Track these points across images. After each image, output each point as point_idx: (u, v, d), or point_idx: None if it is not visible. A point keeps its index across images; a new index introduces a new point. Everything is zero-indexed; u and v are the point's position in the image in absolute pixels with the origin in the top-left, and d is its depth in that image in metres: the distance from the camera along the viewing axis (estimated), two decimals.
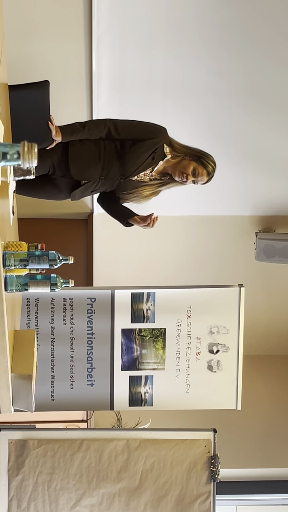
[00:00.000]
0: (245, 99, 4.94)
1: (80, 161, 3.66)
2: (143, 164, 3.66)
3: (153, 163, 3.68)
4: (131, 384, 4.28)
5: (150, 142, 3.63)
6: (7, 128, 2.87)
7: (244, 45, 4.69)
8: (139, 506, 3.95)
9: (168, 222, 5.72)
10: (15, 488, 3.90)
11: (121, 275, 5.75)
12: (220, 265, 5.86)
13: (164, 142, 3.67)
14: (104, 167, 3.66)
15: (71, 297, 4.18)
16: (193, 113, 4.97)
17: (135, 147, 3.63)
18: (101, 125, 3.63)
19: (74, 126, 3.62)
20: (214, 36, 4.64)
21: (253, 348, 5.98)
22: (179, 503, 3.98)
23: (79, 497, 3.93)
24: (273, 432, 5.97)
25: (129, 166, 3.65)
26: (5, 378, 2.45)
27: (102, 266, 5.73)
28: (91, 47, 4.65)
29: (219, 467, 4.00)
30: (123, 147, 3.65)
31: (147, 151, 3.64)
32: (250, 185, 5.46)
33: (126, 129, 3.64)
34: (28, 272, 2.60)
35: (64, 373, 4.20)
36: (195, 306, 4.27)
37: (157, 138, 3.65)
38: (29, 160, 1.80)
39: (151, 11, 4.54)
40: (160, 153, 3.67)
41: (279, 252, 5.61)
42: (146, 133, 3.65)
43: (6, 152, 1.80)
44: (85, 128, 3.60)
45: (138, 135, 3.64)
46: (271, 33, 4.65)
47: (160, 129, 3.70)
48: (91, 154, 3.65)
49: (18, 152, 1.80)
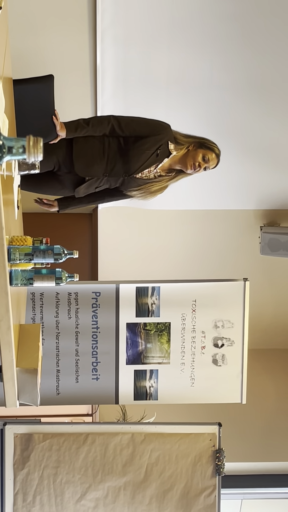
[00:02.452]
0: (248, 93, 4.93)
1: (85, 158, 3.65)
2: (147, 161, 3.65)
3: (157, 160, 3.67)
4: (136, 378, 4.29)
5: (154, 138, 3.62)
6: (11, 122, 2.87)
7: (248, 39, 4.68)
8: (144, 500, 3.97)
9: (173, 216, 5.72)
10: (21, 482, 3.91)
11: (126, 270, 5.75)
12: (225, 259, 5.86)
13: (168, 139, 3.66)
14: (108, 164, 3.66)
15: (76, 291, 4.18)
16: (197, 107, 4.96)
17: (138, 144, 3.62)
18: (105, 121, 3.62)
19: (78, 122, 3.62)
20: (218, 30, 4.63)
21: (258, 342, 5.98)
22: (184, 497, 3.99)
23: (84, 491, 3.95)
24: (278, 426, 5.98)
25: (132, 163, 3.64)
26: (11, 372, 2.46)
27: (107, 260, 5.74)
28: (95, 41, 4.64)
29: (224, 460, 4.01)
30: (127, 144, 3.64)
31: (151, 148, 3.63)
32: (255, 179, 5.45)
33: (130, 126, 3.63)
34: (33, 267, 2.60)
35: (69, 367, 4.21)
36: (200, 300, 4.27)
37: (161, 135, 3.64)
38: (34, 154, 1.80)
39: (155, 5, 4.53)
40: (165, 150, 3.66)
41: (284, 246, 5.61)
42: (150, 130, 3.64)
43: (11, 146, 1.80)
44: (89, 125, 3.60)
45: (142, 132, 3.63)
46: (274, 27, 4.63)
47: (164, 126, 3.69)
48: (95, 151, 3.64)
49: (24, 146, 1.80)
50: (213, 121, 5.04)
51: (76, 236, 5.66)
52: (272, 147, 5.26)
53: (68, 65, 4.76)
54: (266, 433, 5.91)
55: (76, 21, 4.62)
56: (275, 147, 5.25)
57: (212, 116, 5.03)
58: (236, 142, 5.16)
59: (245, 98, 4.97)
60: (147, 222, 5.75)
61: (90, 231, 5.67)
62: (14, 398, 2.57)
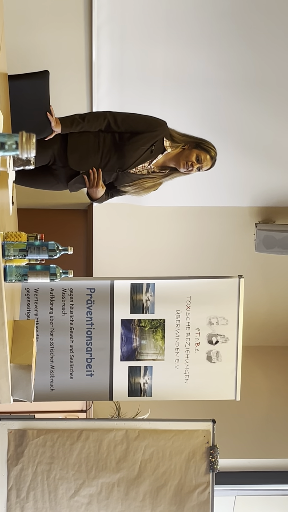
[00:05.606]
0: (244, 90, 4.93)
1: (79, 152, 3.65)
2: (142, 157, 3.65)
3: (152, 156, 3.67)
4: (131, 375, 4.29)
5: (149, 135, 3.62)
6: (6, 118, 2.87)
7: (244, 36, 4.67)
8: (138, 496, 3.97)
9: (168, 213, 5.72)
10: (14, 477, 3.91)
11: (120, 266, 5.75)
12: (219, 256, 5.86)
13: (164, 136, 3.66)
14: (103, 159, 3.66)
15: (71, 287, 4.18)
16: (193, 104, 4.96)
17: (133, 139, 3.63)
18: (101, 117, 3.63)
19: (73, 118, 3.62)
20: (214, 27, 4.63)
21: (252, 339, 5.99)
22: (178, 493, 3.99)
23: (78, 487, 3.95)
24: (272, 423, 5.99)
25: (127, 158, 3.64)
26: (5, 368, 2.46)
27: (101, 256, 5.74)
28: (91, 37, 4.64)
29: (218, 457, 4.01)
30: (122, 139, 3.65)
31: (145, 144, 3.63)
32: (250, 176, 5.46)
33: (126, 122, 3.63)
34: (27, 263, 2.60)
35: (63, 363, 4.21)
36: (194, 297, 4.27)
37: (157, 131, 3.64)
38: (27, 150, 1.80)
39: (151, 2, 4.53)
40: (160, 147, 3.66)
41: (279, 243, 5.61)
42: (145, 126, 3.64)
43: (4, 142, 1.80)
44: (85, 120, 3.60)
45: (137, 128, 3.63)
46: (271, 24, 4.63)
47: (160, 123, 3.69)
48: (90, 145, 3.64)
49: (17, 142, 1.80)
50: (208, 118, 5.04)
51: (71, 232, 5.66)
52: (268, 144, 5.26)
53: (64, 61, 4.76)
54: (260, 430, 5.92)
55: (72, 16, 4.61)
56: (270, 144, 5.26)
57: (207, 113, 5.03)
58: (231, 139, 5.16)
59: (241, 96, 4.97)
60: (142, 219, 5.74)
61: (85, 227, 5.67)
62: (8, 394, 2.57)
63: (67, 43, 4.70)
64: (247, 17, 4.60)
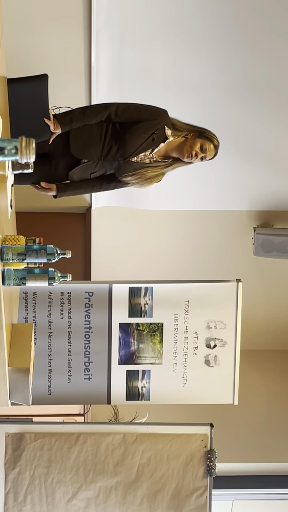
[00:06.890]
0: (243, 93, 4.94)
1: (82, 139, 3.65)
2: (143, 145, 3.64)
3: (153, 144, 3.66)
4: (128, 378, 4.29)
5: (150, 123, 3.62)
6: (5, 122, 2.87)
7: (243, 40, 4.68)
8: (135, 500, 3.97)
9: (166, 217, 5.71)
10: (12, 481, 3.90)
11: (119, 270, 5.75)
12: (218, 260, 5.86)
13: (165, 124, 3.66)
14: (104, 147, 3.65)
15: (69, 291, 4.18)
16: (192, 107, 4.96)
17: (134, 128, 3.62)
18: (102, 110, 3.62)
19: (73, 114, 3.61)
20: (213, 31, 4.64)
21: (250, 343, 5.98)
22: (176, 497, 3.99)
23: (75, 491, 3.94)
24: (270, 427, 5.98)
25: (128, 146, 3.63)
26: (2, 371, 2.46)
27: (100, 260, 5.73)
28: (90, 41, 4.64)
29: (215, 461, 4.01)
30: (123, 128, 3.65)
31: (146, 132, 3.62)
32: (248, 180, 5.46)
33: (126, 112, 3.63)
34: (26, 266, 2.60)
35: (61, 367, 4.21)
36: (192, 300, 4.27)
37: (158, 120, 3.64)
38: (27, 155, 1.80)
39: (150, 5, 4.53)
40: (161, 135, 3.66)
41: (277, 247, 5.61)
42: (146, 115, 3.64)
43: (3, 147, 1.80)
44: (85, 115, 3.60)
45: (139, 117, 3.63)
46: (270, 28, 4.64)
47: (161, 111, 3.69)
48: (92, 134, 3.64)
49: (16, 147, 1.80)
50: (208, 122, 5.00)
51: (69, 236, 5.65)
52: (267, 148, 5.26)
53: (63, 65, 4.76)
54: (258, 434, 5.92)
55: (72, 20, 4.61)
56: (269, 148, 5.26)
57: (207, 116, 5.02)
58: (230, 143, 5.16)
59: (241, 99, 4.97)
60: (140, 222, 5.74)
61: (83, 231, 5.67)
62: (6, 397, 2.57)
63: (66, 46, 4.71)
64: (247, 20, 4.61)
